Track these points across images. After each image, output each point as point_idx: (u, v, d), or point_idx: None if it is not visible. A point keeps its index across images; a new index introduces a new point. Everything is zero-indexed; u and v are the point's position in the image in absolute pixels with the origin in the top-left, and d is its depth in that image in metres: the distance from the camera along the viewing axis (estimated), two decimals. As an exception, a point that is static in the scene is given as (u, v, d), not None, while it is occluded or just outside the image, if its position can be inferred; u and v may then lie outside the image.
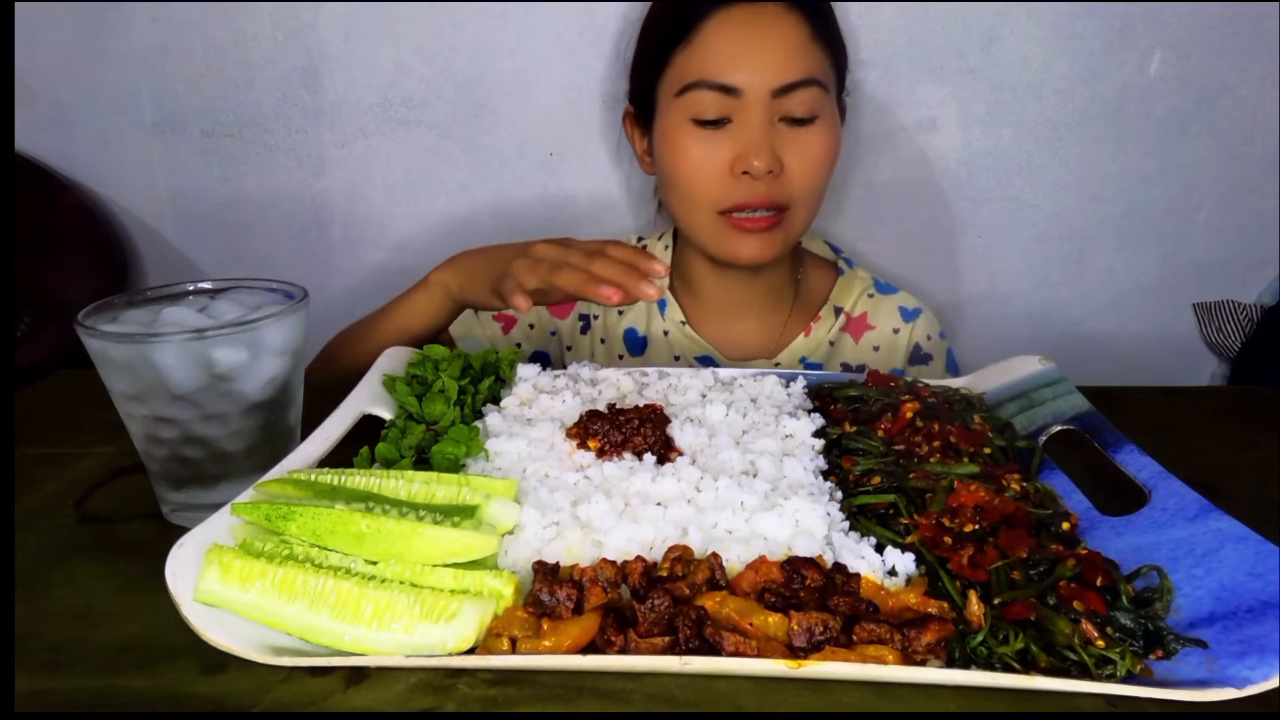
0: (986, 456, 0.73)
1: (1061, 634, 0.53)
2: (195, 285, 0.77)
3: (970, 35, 1.41)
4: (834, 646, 0.52)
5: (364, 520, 0.58)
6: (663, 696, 0.50)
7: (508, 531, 0.63)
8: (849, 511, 0.67)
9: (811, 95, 1.07)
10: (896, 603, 0.57)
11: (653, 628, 0.53)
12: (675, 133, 1.10)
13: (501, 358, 0.90)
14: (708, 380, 0.87)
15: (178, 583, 0.55)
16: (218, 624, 0.54)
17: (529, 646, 0.52)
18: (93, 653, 0.55)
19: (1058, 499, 0.69)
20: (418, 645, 0.52)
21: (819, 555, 0.60)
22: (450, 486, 0.65)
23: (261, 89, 1.53)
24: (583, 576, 0.57)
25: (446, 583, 0.57)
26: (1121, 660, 0.52)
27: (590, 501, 0.65)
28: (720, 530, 0.64)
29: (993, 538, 0.62)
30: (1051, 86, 1.43)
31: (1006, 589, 0.57)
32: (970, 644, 0.54)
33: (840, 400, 0.84)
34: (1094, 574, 0.57)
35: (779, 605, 0.55)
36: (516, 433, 0.76)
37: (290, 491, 0.65)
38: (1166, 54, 1.40)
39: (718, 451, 0.73)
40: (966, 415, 0.79)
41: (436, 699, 0.50)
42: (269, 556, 0.57)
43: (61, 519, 0.71)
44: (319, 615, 0.54)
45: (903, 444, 0.75)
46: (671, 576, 0.57)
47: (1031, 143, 1.47)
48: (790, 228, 1.11)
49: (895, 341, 1.26)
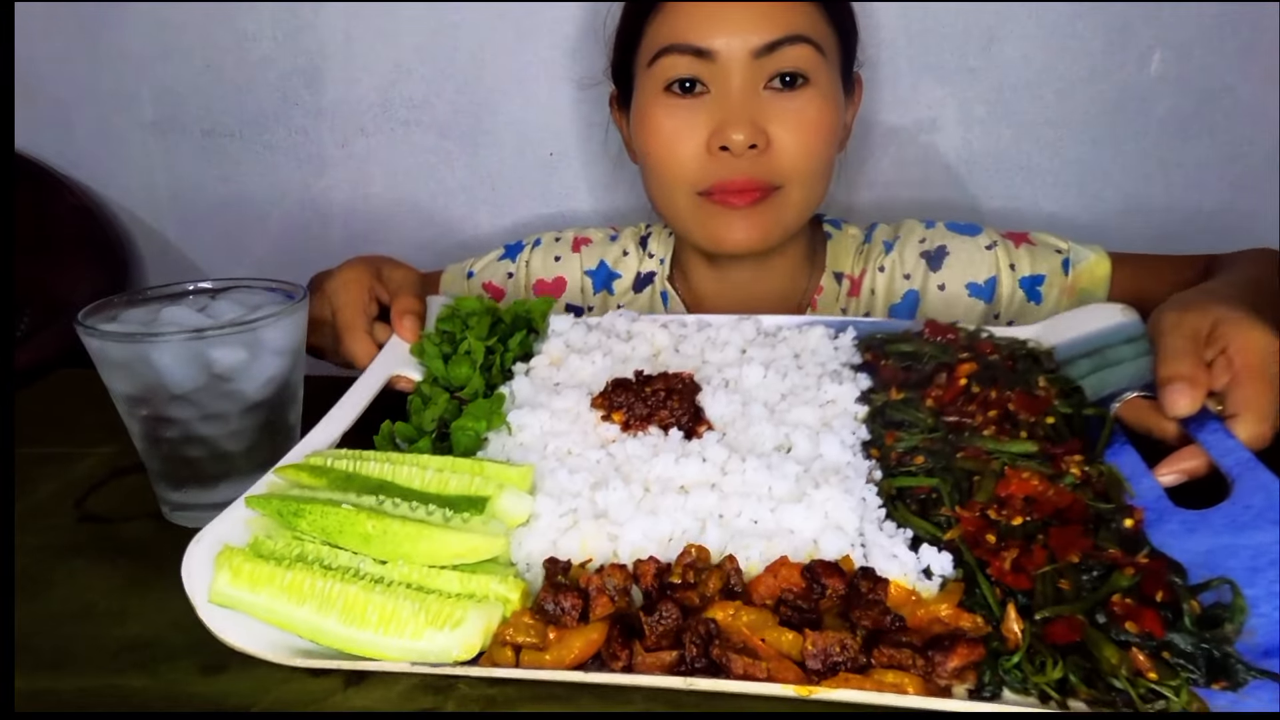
0: (1048, 428, 0.66)
1: (1107, 661, 0.47)
2: (195, 285, 0.77)
3: (970, 35, 1.41)
4: (850, 670, 0.49)
5: (370, 521, 0.58)
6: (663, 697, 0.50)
7: (521, 524, 0.62)
8: (887, 495, 0.62)
9: (799, 53, 0.94)
10: (927, 614, 0.53)
11: (660, 641, 0.52)
12: (648, 107, 1.00)
13: (533, 309, 0.86)
14: (748, 333, 0.82)
15: (193, 582, 0.55)
16: (233, 625, 0.54)
17: (532, 659, 0.52)
18: (93, 653, 0.55)
19: (1123, 484, 0.61)
20: (424, 652, 0.53)
21: (846, 555, 0.57)
22: (464, 475, 0.65)
23: (261, 89, 1.53)
24: (589, 585, 0.56)
25: (454, 586, 0.57)
26: (1175, 697, 0.46)
27: (609, 487, 0.63)
28: (744, 520, 0.61)
29: (1043, 534, 0.56)
30: (1051, 86, 1.43)
31: (1052, 601, 0.51)
32: (1003, 666, 0.49)
33: (892, 356, 0.76)
34: (1155, 587, 0.50)
35: (796, 621, 0.52)
36: (541, 403, 0.74)
37: (305, 479, 0.65)
38: (1166, 54, 1.40)
39: (749, 424, 0.69)
40: (1030, 376, 0.71)
41: (436, 699, 0.50)
42: (278, 558, 0.58)
43: (61, 519, 0.71)
44: (327, 619, 0.54)
45: (954, 413, 0.68)
46: (684, 584, 0.55)
47: (1031, 143, 1.47)
48: (783, 209, 0.99)
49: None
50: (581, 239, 1.24)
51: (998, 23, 1.40)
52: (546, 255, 1.23)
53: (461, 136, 1.54)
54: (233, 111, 1.55)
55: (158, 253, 1.66)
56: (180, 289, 0.77)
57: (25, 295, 1.49)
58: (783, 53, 0.94)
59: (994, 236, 1.12)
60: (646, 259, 1.21)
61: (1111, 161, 1.48)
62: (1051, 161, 1.48)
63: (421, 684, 0.51)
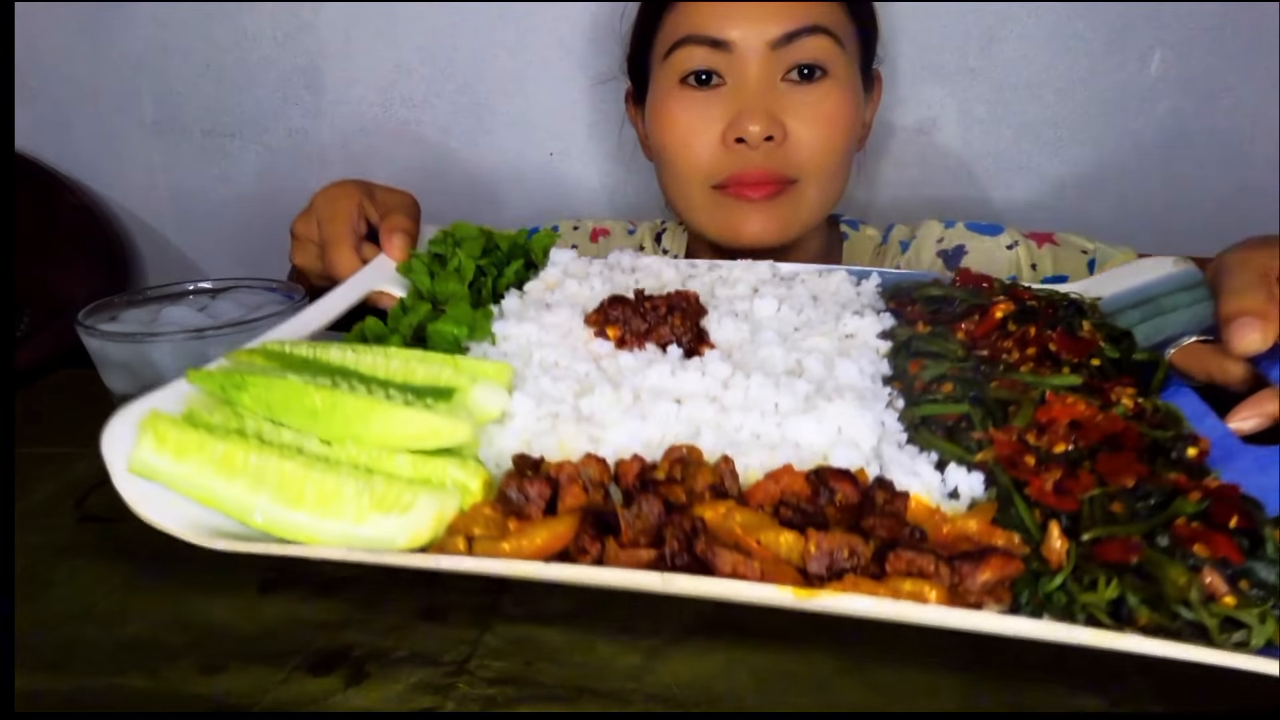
0: (1094, 369, 0.58)
1: (1173, 584, 0.39)
2: (195, 285, 0.77)
3: (970, 35, 1.41)
4: (860, 576, 0.40)
5: (319, 395, 0.51)
6: (663, 697, 0.50)
7: (493, 420, 0.55)
8: (909, 423, 0.54)
9: (817, 45, 0.93)
10: (953, 530, 0.44)
11: (638, 537, 0.44)
12: (663, 99, 0.98)
13: (534, 242, 0.80)
14: (763, 274, 0.76)
15: (113, 450, 0.50)
16: (152, 500, 0.48)
17: (485, 549, 0.45)
18: (93, 653, 0.55)
19: (1182, 420, 0.54)
20: (365, 538, 0.46)
21: (860, 469, 0.48)
22: (433, 366, 0.57)
23: (261, 89, 1.53)
24: (560, 473, 0.48)
25: (405, 471, 0.50)
26: (1260, 624, 0.38)
27: (595, 393, 0.56)
28: (745, 434, 0.53)
29: (1090, 462, 0.47)
30: (1051, 86, 1.43)
31: (1102, 524, 0.43)
32: (1045, 588, 0.41)
33: (919, 301, 0.70)
34: (1227, 512, 0.43)
35: (797, 522, 0.44)
36: (530, 317, 0.67)
37: (259, 362, 0.58)
38: (1166, 54, 1.40)
39: (759, 348, 0.62)
40: (1074, 321, 0.64)
41: (436, 699, 0.50)
42: (211, 429, 0.51)
43: (61, 519, 0.71)
44: (258, 496, 0.48)
45: (988, 348, 0.61)
46: (669, 480, 0.47)
47: (1031, 143, 1.47)
48: (800, 204, 0.97)
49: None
50: (600, 230, 1.24)
51: (998, 23, 1.40)
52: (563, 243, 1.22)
53: (461, 136, 1.54)
54: (233, 111, 1.55)
55: (158, 253, 1.66)
56: (180, 289, 0.77)
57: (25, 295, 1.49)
58: (801, 44, 0.93)
59: (1016, 236, 1.10)
60: (661, 255, 1.20)
61: (1111, 161, 1.48)
62: (1051, 161, 1.48)
63: (421, 683, 0.51)
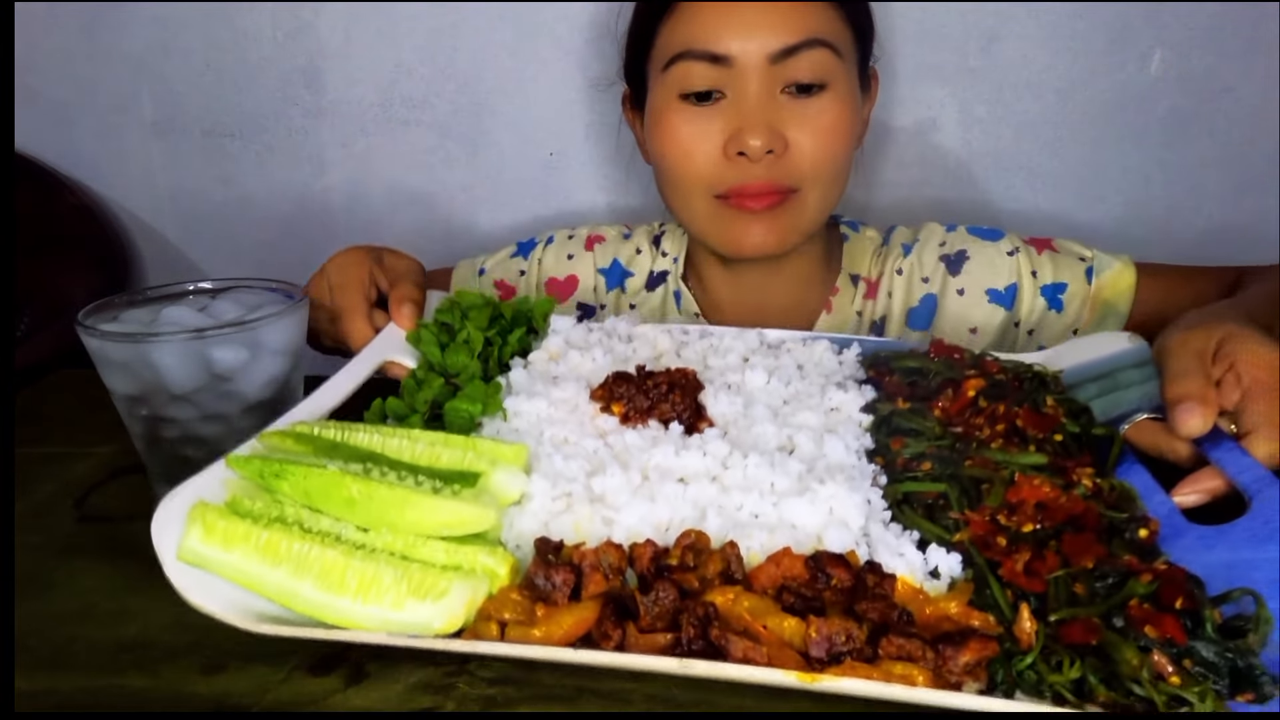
0: (1056, 445, 0.64)
1: (1127, 664, 0.45)
2: (195, 285, 0.77)
3: (970, 35, 1.41)
4: (856, 660, 0.47)
5: (355, 485, 0.55)
6: (662, 698, 0.50)
7: (513, 503, 0.59)
8: (892, 500, 0.60)
9: (818, 58, 0.93)
10: (935, 611, 0.50)
11: (655, 622, 0.49)
12: (663, 112, 0.98)
13: (535, 308, 0.85)
14: (752, 343, 0.82)
15: (163, 539, 0.53)
16: (199, 585, 0.51)
17: (519, 634, 0.49)
18: (93, 653, 0.55)
19: (1136, 500, 0.60)
20: (403, 623, 0.50)
21: (851, 550, 0.54)
22: (456, 450, 0.61)
23: (261, 89, 1.53)
24: (583, 561, 0.52)
25: (439, 557, 0.53)
26: (1200, 702, 0.44)
27: (606, 473, 0.60)
28: (745, 514, 0.58)
29: (1055, 541, 0.54)
30: (1051, 86, 1.43)
31: (1066, 605, 0.49)
32: (1016, 666, 0.47)
33: (897, 372, 0.76)
34: (1173, 594, 0.48)
35: (799, 608, 0.50)
36: (539, 392, 0.71)
37: (290, 445, 0.62)
38: (1166, 54, 1.40)
39: (752, 424, 0.67)
40: (1038, 396, 0.70)
41: (436, 699, 0.50)
42: (255, 517, 0.54)
43: (61, 519, 0.71)
44: (302, 583, 0.51)
45: (961, 425, 0.67)
46: (682, 566, 0.52)
47: (1031, 143, 1.47)
48: (801, 212, 0.98)
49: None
50: (595, 237, 1.23)
51: (998, 23, 1.40)
52: (559, 253, 1.22)
53: (461, 136, 1.54)
54: (233, 111, 1.55)
55: (158, 253, 1.66)
56: (180, 289, 0.77)
57: (25, 295, 1.49)
58: (799, 59, 0.93)
59: (1016, 242, 1.10)
60: (660, 258, 1.20)
61: (1111, 161, 1.48)
62: (1051, 161, 1.48)
63: (421, 683, 0.51)
